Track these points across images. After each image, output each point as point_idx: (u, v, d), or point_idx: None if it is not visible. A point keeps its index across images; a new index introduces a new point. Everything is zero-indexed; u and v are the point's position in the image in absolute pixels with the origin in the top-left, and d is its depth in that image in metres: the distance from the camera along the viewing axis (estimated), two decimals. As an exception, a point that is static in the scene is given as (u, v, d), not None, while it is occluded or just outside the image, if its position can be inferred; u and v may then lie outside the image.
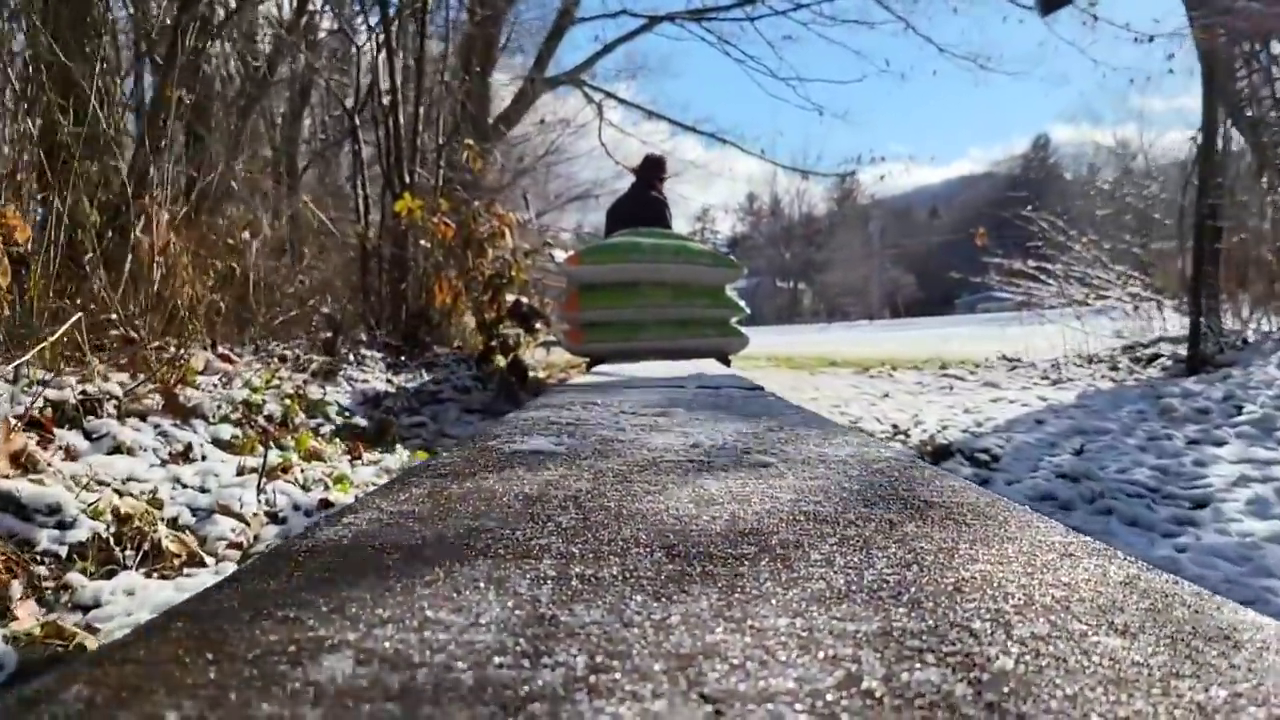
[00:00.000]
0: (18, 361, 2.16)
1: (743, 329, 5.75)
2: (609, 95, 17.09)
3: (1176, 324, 7.08)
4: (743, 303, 5.78)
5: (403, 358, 5.55)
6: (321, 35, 8.80)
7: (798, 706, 0.42)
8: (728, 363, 5.35)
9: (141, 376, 2.58)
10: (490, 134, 13.39)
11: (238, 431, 2.60)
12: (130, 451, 2.13)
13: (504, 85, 15.66)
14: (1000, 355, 8.18)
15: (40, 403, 2.07)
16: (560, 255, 6.59)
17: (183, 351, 2.91)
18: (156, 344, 2.90)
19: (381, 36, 6.69)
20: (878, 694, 0.44)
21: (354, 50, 7.68)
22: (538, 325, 5.54)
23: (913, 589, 0.61)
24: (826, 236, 74.91)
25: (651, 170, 6.86)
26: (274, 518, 2.03)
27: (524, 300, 5.42)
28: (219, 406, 2.70)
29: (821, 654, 0.49)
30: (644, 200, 6.54)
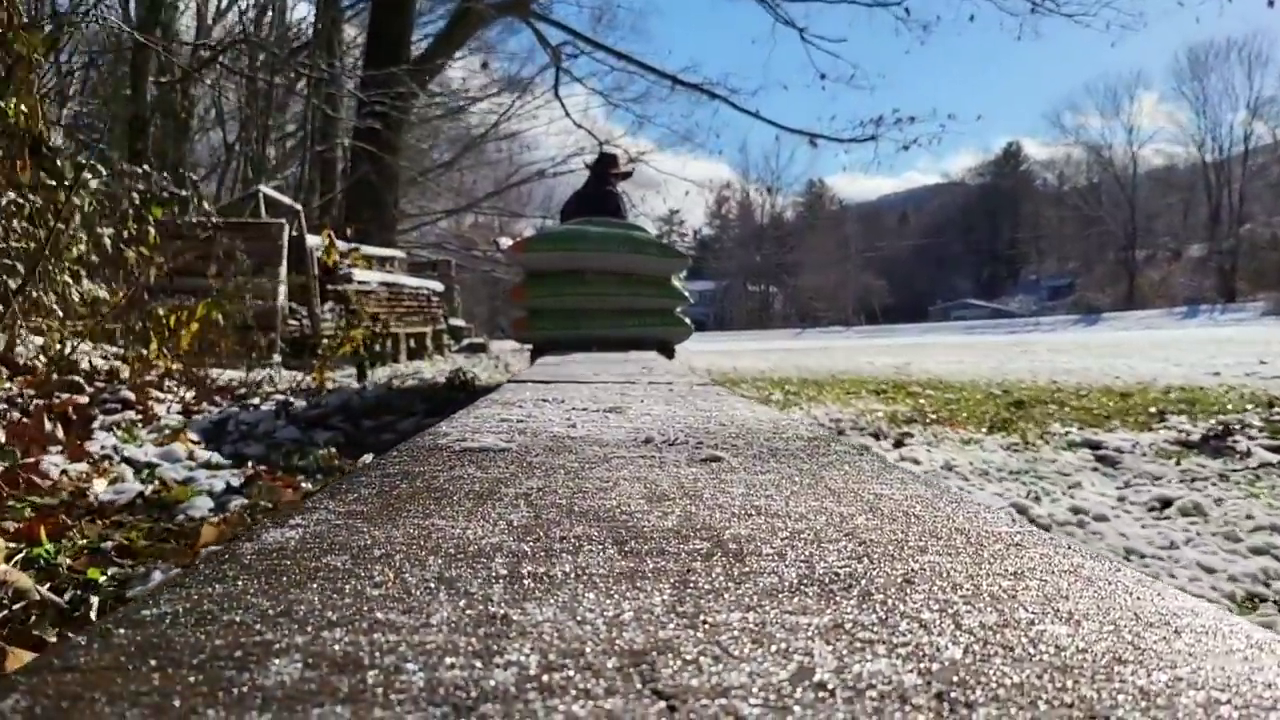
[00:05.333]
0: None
1: (689, 320, 5.81)
2: (570, 32, 14.67)
3: None
4: (687, 292, 5.84)
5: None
6: None
7: (751, 700, 0.42)
8: (672, 354, 5.38)
9: None
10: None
11: None
12: None
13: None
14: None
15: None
16: (506, 242, 6.59)
17: None
18: None
19: None
20: (829, 686, 0.44)
21: None
22: None
23: (863, 581, 0.62)
24: (797, 239, 74.58)
25: (605, 166, 6.92)
26: None
27: None
28: None
29: (774, 648, 0.49)
30: (599, 195, 6.60)
